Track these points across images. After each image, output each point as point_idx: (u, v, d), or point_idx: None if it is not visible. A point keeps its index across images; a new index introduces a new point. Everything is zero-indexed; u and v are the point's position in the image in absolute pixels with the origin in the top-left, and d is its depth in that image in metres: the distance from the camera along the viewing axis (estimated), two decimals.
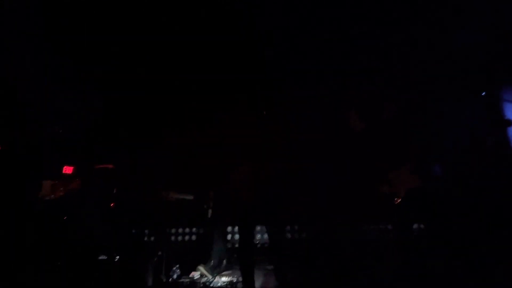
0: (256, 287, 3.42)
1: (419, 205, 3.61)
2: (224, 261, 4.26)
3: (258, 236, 4.97)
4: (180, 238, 5.01)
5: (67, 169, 3.78)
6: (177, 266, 4.09)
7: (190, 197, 4.95)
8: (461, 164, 3.94)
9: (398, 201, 3.69)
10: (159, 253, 4.00)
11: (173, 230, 5.03)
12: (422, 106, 4.24)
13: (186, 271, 4.12)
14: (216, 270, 4.10)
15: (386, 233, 4.80)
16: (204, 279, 3.90)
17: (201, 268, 4.00)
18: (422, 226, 4.32)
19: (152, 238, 4.79)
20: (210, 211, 4.49)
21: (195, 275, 4.03)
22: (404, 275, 3.51)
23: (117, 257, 3.78)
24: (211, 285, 3.71)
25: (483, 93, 4.15)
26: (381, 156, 3.97)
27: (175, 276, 3.98)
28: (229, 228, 4.98)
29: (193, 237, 5.01)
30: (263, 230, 4.95)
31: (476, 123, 4.09)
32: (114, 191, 4.25)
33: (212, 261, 4.11)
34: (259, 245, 4.92)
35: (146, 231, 4.86)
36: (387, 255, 4.48)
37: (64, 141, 3.88)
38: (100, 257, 3.73)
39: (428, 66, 4.19)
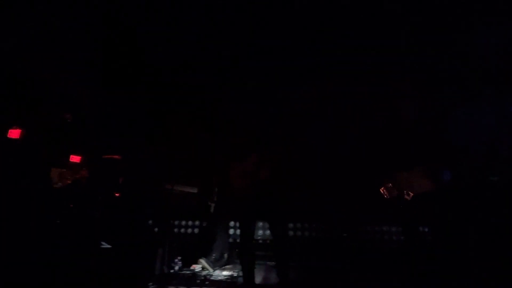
0: (256, 282, 3.46)
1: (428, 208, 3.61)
2: (225, 255, 4.29)
3: (260, 232, 4.99)
4: (182, 230, 5.05)
5: (74, 158, 3.83)
6: (179, 258, 4.13)
7: (194, 191, 4.99)
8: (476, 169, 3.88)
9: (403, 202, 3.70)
10: (162, 244, 4.04)
11: (176, 222, 5.07)
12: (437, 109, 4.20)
13: (188, 263, 4.17)
14: (217, 264, 4.13)
15: (388, 233, 4.82)
16: (205, 272, 3.94)
17: (202, 261, 4.04)
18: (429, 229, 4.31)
19: (156, 229, 4.84)
20: (213, 205, 4.52)
21: (196, 267, 4.08)
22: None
23: (121, 246, 3.84)
24: (212, 278, 3.74)
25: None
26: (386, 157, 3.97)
27: (176, 268, 4.03)
28: (232, 223, 5.01)
29: (196, 230, 5.04)
30: (265, 226, 4.98)
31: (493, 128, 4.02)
32: (120, 182, 4.31)
33: (214, 255, 4.15)
34: (260, 241, 4.94)
35: (150, 222, 4.91)
36: (387, 253, 4.50)
37: (73, 130, 3.93)
38: (104, 246, 3.78)
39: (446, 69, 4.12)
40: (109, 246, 3.81)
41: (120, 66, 4.09)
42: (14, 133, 3.22)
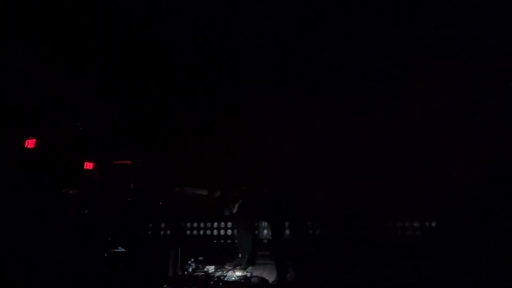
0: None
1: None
2: (246, 256, 4.31)
3: (265, 232, 4.97)
4: (195, 232, 5.13)
5: (88, 165, 3.92)
6: (192, 260, 4.20)
7: (204, 193, 5.06)
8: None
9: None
10: (175, 246, 4.11)
11: (188, 225, 5.15)
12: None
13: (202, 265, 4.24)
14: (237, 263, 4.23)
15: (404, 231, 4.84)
16: (218, 273, 3.99)
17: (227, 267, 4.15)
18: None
19: (168, 232, 4.92)
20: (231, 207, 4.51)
21: (210, 268, 4.14)
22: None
23: (135, 250, 3.92)
24: (225, 279, 3.80)
25: None
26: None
27: (190, 270, 4.09)
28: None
29: (208, 232, 5.12)
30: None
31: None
32: (132, 186, 4.39)
33: (239, 255, 4.25)
34: (265, 241, 4.93)
35: (162, 225, 4.99)
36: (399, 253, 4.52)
37: (85, 137, 4.02)
38: (118, 250, 3.87)
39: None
40: (123, 250, 3.89)
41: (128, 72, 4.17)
42: (30, 143, 3.33)
